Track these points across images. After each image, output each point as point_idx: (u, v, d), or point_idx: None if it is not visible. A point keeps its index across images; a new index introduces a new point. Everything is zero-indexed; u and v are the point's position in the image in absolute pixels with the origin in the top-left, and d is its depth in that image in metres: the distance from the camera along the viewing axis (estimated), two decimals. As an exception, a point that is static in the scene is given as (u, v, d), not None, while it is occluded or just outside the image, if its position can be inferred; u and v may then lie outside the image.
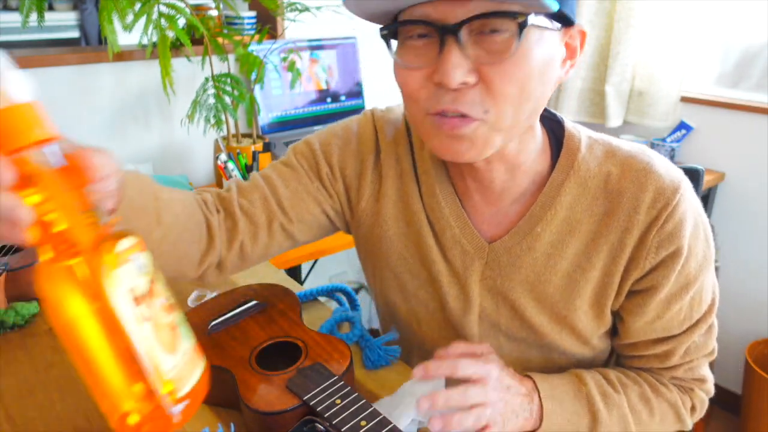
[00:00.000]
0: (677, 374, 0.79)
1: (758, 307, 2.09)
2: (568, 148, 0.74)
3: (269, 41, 1.79)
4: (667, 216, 0.69)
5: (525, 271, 0.75)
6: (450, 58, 0.58)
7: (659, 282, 0.72)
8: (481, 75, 0.60)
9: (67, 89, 1.59)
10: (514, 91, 0.61)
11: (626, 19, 2.12)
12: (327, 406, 0.64)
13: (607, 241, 0.72)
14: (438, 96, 0.62)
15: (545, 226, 0.74)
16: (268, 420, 0.65)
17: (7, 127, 0.36)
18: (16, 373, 0.81)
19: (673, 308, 0.74)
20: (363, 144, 0.83)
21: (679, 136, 2.13)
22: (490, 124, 0.63)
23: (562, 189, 0.73)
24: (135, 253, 0.40)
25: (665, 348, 0.77)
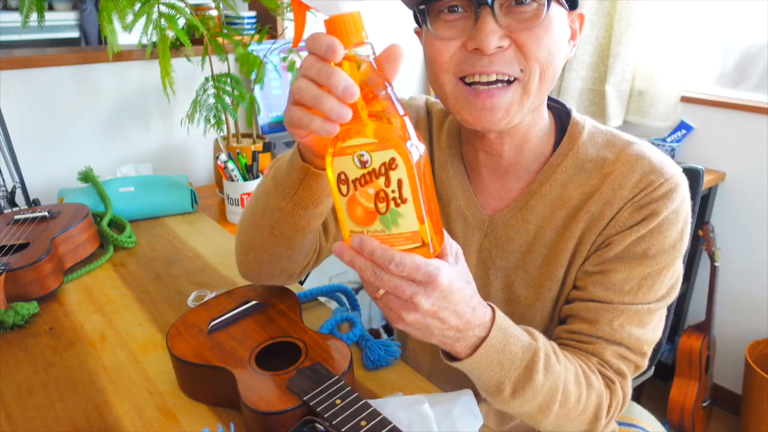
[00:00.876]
0: (605, 355, 0.74)
1: (758, 307, 2.08)
2: (571, 134, 0.80)
3: (269, 41, 1.79)
4: (647, 192, 0.73)
5: (518, 242, 0.81)
6: (486, 26, 0.65)
7: (614, 240, 0.74)
8: (513, 38, 0.67)
9: (67, 89, 1.59)
10: (543, 54, 0.67)
11: (626, 19, 2.11)
12: (327, 406, 0.64)
13: (588, 212, 0.76)
14: (471, 60, 0.68)
15: (539, 200, 0.80)
16: (268, 420, 0.65)
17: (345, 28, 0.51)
18: (16, 373, 0.81)
19: (620, 272, 0.74)
20: None
21: (679, 136, 2.13)
22: (523, 84, 0.69)
23: (559, 168, 0.79)
24: (361, 151, 0.52)
25: (597, 310, 0.74)
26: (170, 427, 0.72)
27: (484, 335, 0.62)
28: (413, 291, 0.55)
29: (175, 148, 1.81)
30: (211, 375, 0.73)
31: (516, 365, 0.65)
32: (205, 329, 0.79)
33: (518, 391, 0.66)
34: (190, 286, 1.04)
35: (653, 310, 0.76)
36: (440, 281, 0.54)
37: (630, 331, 0.74)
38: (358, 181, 0.53)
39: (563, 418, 0.71)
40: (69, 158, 1.62)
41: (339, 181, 0.54)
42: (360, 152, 0.52)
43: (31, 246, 1.02)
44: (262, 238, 0.77)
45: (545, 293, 0.81)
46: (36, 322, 0.94)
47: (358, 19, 0.51)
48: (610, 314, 0.74)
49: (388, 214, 0.53)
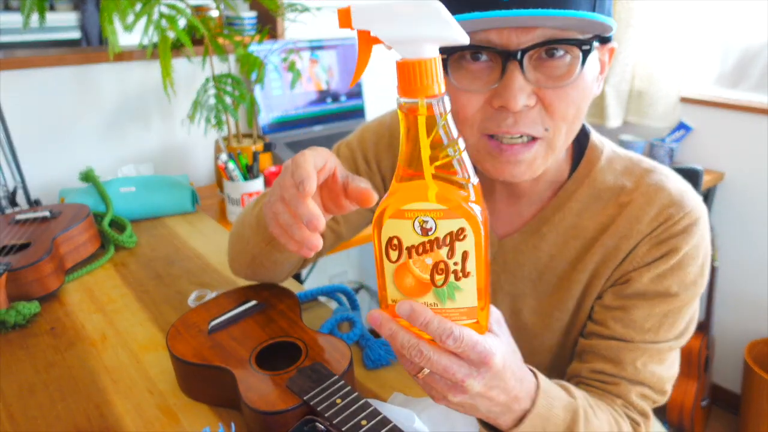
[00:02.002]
0: (630, 397, 0.72)
1: (758, 307, 2.09)
2: (588, 159, 0.76)
3: (269, 41, 1.79)
4: (666, 227, 0.71)
5: (528, 269, 0.78)
6: (513, 83, 0.60)
7: (633, 277, 0.72)
8: (540, 97, 0.62)
9: (67, 89, 1.59)
10: (572, 112, 0.64)
11: (626, 19, 2.12)
12: (327, 405, 0.64)
13: (604, 245, 0.74)
14: (497, 119, 0.63)
15: (551, 228, 0.76)
16: (269, 420, 0.65)
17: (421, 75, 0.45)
18: (18, 372, 0.82)
19: (641, 309, 0.72)
20: (395, 137, 0.86)
21: (678, 136, 2.13)
22: (548, 142, 0.65)
23: (574, 196, 0.76)
24: (425, 217, 0.47)
25: (619, 350, 0.72)
26: (171, 427, 0.72)
27: (529, 406, 0.58)
28: (465, 373, 0.50)
29: (175, 148, 1.81)
30: (212, 375, 0.73)
31: (559, 428, 0.61)
32: (205, 329, 0.80)
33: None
34: (190, 286, 1.05)
35: (673, 348, 0.74)
36: (495, 363, 0.50)
37: (653, 371, 0.72)
38: (414, 249, 0.48)
39: None
40: (70, 158, 1.62)
41: (389, 245, 0.48)
42: (424, 218, 0.47)
43: (32, 246, 1.02)
44: (246, 260, 0.84)
45: (554, 323, 0.79)
46: (37, 321, 0.94)
47: (436, 67, 0.45)
48: (632, 354, 0.72)
49: (445, 287, 0.49)
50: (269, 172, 1.57)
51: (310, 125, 1.98)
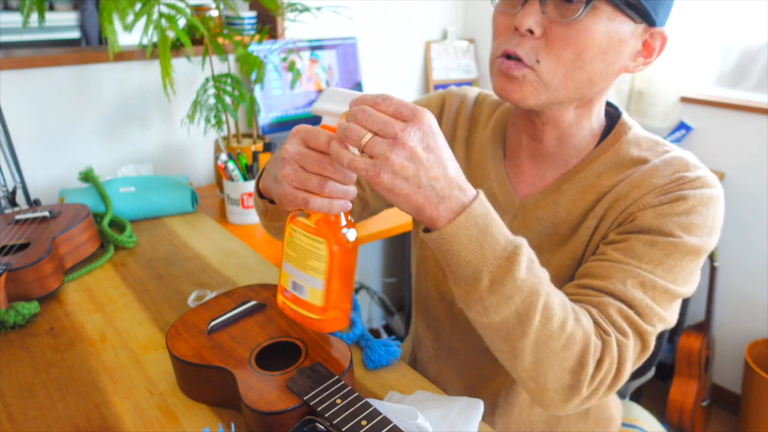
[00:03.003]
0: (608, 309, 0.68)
1: (758, 307, 2.09)
2: (617, 132, 0.82)
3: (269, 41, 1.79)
4: (679, 184, 0.73)
5: (545, 223, 0.83)
6: (528, 7, 0.69)
7: (639, 214, 0.73)
8: (547, 30, 0.69)
9: (67, 89, 1.59)
10: (569, 55, 0.70)
11: (626, 19, 2.11)
12: (327, 405, 0.64)
13: (615, 192, 0.77)
14: (509, 38, 0.72)
15: (572, 185, 0.81)
16: (268, 420, 0.65)
17: None
18: (17, 372, 0.82)
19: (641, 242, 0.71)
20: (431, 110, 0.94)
21: (678, 136, 2.13)
22: (537, 75, 0.71)
23: (598, 160, 0.81)
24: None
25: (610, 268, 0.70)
26: (171, 427, 0.72)
27: (467, 201, 0.60)
28: (401, 127, 0.57)
29: (175, 148, 1.81)
30: (211, 375, 0.73)
31: (497, 254, 0.61)
32: (205, 329, 0.80)
33: (496, 283, 0.61)
34: (190, 286, 1.05)
35: (669, 291, 0.70)
36: (425, 119, 0.57)
37: (642, 297, 0.68)
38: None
39: (543, 346, 0.63)
40: (70, 158, 1.62)
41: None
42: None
43: (32, 246, 1.02)
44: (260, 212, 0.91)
45: (564, 271, 0.81)
46: (37, 321, 0.94)
47: None
48: (623, 273, 0.69)
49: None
50: (269, 172, 1.56)
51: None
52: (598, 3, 0.67)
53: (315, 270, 0.66)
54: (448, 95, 0.97)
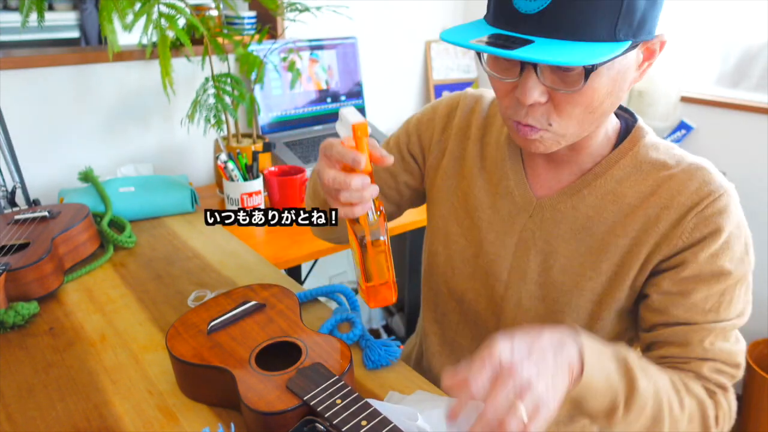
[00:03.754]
0: (702, 371, 0.75)
1: (758, 307, 2.07)
2: (633, 136, 0.82)
3: (269, 41, 1.79)
4: (709, 203, 0.74)
5: (564, 227, 0.82)
6: (527, 83, 0.68)
7: (687, 258, 0.75)
8: (552, 96, 0.69)
9: (67, 89, 1.59)
10: (578, 112, 0.70)
11: (626, 19, 2.11)
12: (327, 406, 0.64)
13: (645, 214, 0.77)
14: (515, 108, 0.72)
15: (591, 191, 0.81)
16: (268, 420, 0.65)
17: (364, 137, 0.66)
18: (17, 372, 0.81)
19: (700, 291, 0.74)
20: (440, 112, 0.97)
21: (679, 136, 2.13)
22: (553, 133, 0.72)
23: (617, 165, 0.80)
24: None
25: (686, 333, 0.75)
26: (170, 427, 0.72)
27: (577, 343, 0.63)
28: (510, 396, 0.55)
29: (175, 148, 1.81)
30: (211, 375, 0.73)
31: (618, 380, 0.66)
32: (205, 330, 0.79)
33: (629, 403, 0.67)
34: (190, 286, 1.05)
35: (735, 326, 0.76)
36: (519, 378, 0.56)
37: (721, 347, 0.75)
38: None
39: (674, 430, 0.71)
40: (69, 158, 1.62)
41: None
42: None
43: (32, 246, 1.02)
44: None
45: (584, 283, 0.81)
46: (36, 321, 0.94)
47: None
48: (699, 334, 0.74)
49: None
50: (269, 171, 1.56)
51: (310, 125, 1.97)
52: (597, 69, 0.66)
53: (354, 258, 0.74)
54: (463, 96, 0.97)
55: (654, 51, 0.73)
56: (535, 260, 0.84)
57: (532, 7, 0.64)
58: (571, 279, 0.82)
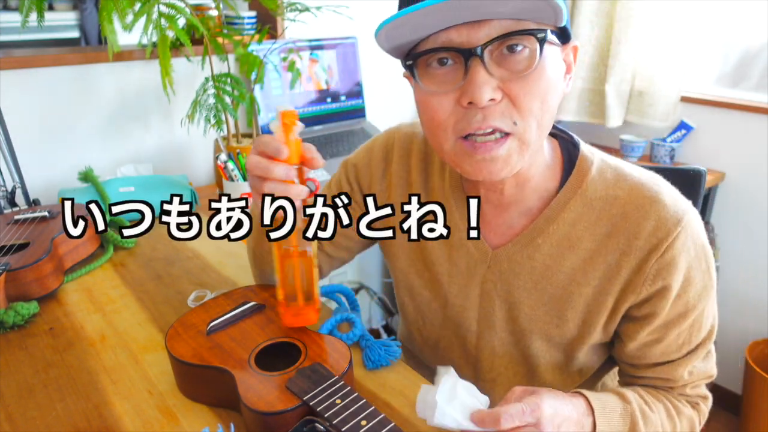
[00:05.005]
0: (685, 392, 0.81)
1: (758, 307, 2.08)
2: (579, 169, 0.77)
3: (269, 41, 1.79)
4: (667, 246, 0.71)
5: (523, 278, 0.79)
6: (477, 78, 0.62)
7: (656, 310, 0.74)
8: (506, 91, 0.64)
9: (67, 89, 1.59)
10: (536, 105, 0.65)
11: (626, 19, 2.11)
12: (327, 406, 0.64)
13: (605, 261, 0.75)
14: (468, 117, 0.65)
15: (546, 239, 0.77)
16: (268, 420, 0.65)
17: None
18: (17, 372, 0.81)
19: (671, 334, 0.76)
20: (375, 157, 0.91)
21: (679, 136, 2.13)
22: (519, 137, 0.66)
23: (567, 206, 0.76)
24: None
25: (666, 372, 0.79)
26: (170, 427, 0.72)
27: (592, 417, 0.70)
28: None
29: (175, 148, 1.81)
30: (211, 376, 0.73)
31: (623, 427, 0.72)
32: (204, 330, 0.79)
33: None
34: (190, 286, 1.05)
35: (707, 343, 0.79)
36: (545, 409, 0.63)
37: (698, 371, 0.80)
38: None
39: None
40: (69, 158, 1.62)
41: None
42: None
43: (31, 246, 1.02)
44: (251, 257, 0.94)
45: (551, 330, 0.80)
46: (36, 322, 0.94)
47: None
48: (679, 370, 0.78)
49: None
50: (269, 171, 1.56)
51: (310, 125, 1.97)
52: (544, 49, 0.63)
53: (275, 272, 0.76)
54: (398, 136, 0.90)
55: (570, 64, 0.71)
56: (501, 309, 0.83)
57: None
58: (538, 327, 0.81)
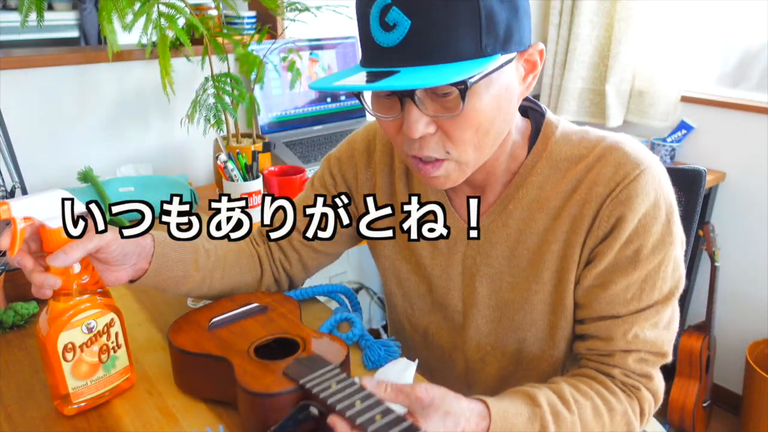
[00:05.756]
0: (625, 365, 0.75)
1: (758, 307, 2.08)
2: (544, 134, 0.80)
3: (269, 41, 1.79)
4: (624, 186, 0.73)
5: (500, 247, 0.81)
6: (410, 116, 0.66)
7: (604, 250, 0.74)
8: (440, 125, 0.68)
9: (67, 89, 1.59)
10: (469, 135, 0.68)
11: (626, 19, 2.11)
12: (322, 388, 0.63)
13: (569, 214, 0.76)
14: (409, 143, 0.70)
15: (517, 204, 0.80)
16: (264, 402, 0.65)
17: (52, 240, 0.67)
18: (16, 373, 0.81)
19: (618, 282, 0.74)
20: (358, 147, 0.93)
21: (679, 136, 2.13)
22: (455, 160, 0.71)
23: (534, 170, 0.79)
24: (89, 320, 0.71)
25: (608, 329, 0.75)
26: (170, 427, 0.72)
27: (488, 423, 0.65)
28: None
29: (174, 148, 1.81)
30: (209, 365, 0.73)
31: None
32: (206, 326, 0.80)
33: None
34: (189, 286, 1.04)
35: (661, 309, 0.75)
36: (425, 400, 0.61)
37: (645, 338, 0.75)
38: (85, 344, 0.71)
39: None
40: (68, 158, 1.62)
41: (65, 350, 0.69)
42: (89, 321, 0.71)
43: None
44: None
45: (532, 296, 0.81)
46: (36, 322, 0.93)
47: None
48: (621, 327, 0.75)
49: (109, 361, 0.74)
50: (269, 171, 1.56)
51: (310, 125, 1.97)
52: (473, 87, 0.64)
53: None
54: (377, 126, 0.93)
55: (535, 62, 0.71)
56: (482, 285, 0.84)
57: (391, 40, 0.62)
58: (520, 295, 0.81)
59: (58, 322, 0.68)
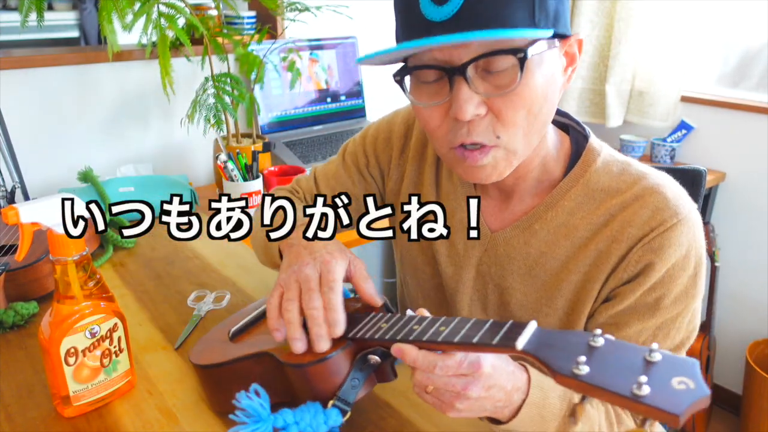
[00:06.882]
0: None
1: (758, 307, 2.08)
2: (585, 160, 0.77)
3: (269, 41, 1.79)
4: (658, 233, 0.70)
5: (518, 263, 0.80)
6: (460, 95, 0.64)
7: (625, 292, 0.72)
8: (490, 106, 0.65)
9: (67, 89, 1.59)
10: (521, 117, 0.66)
11: (626, 19, 2.11)
12: (374, 331, 0.62)
13: (596, 248, 0.74)
14: (455, 130, 0.67)
15: (543, 225, 0.77)
16: (320, 369, 0.62)
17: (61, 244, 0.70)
18: (16, 373, 0.81)
19: (633, 325, 0.72)
20: (396, 130, 0.93)
21: (679, 136, 2.13)
22: (504, 147, 0.68)
23: (568, 194, 0.76)
24: (93, 325, 0.71)
25: None
26: (170, 427, 0.72)
27: (524, 396, 0.63)
28: (463, 383, 0.57)
29: (175, 148, 1.81)
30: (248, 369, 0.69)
31: (556, 415, 0.65)
32: (226, 340, 0.77)
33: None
34: (190, 286, 1.04)
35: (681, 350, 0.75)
36: (484, 369, 0.57)
37: None
38: (87, 349, 0.71)
39: None
40: (69, 158, 1.62)
41: (67, 354, 0.69)
42: (91, 327, 0.71)
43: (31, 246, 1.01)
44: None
45: (541, 319, 0.79)
46: (36, 321, 0.93)
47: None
48: None
49: (110, 365, 0.74)
50: (269, 171, 1.56)
51: (310, 125, 1.97)
52: (528, 63, 0.63)
53: None
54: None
55: (574, 55, 0.71)
56: (493, 294, 0.83)
57: (444, 13, 0.61)
58: (529, 315, 0.80)
59: (61, 326, 0.68)
